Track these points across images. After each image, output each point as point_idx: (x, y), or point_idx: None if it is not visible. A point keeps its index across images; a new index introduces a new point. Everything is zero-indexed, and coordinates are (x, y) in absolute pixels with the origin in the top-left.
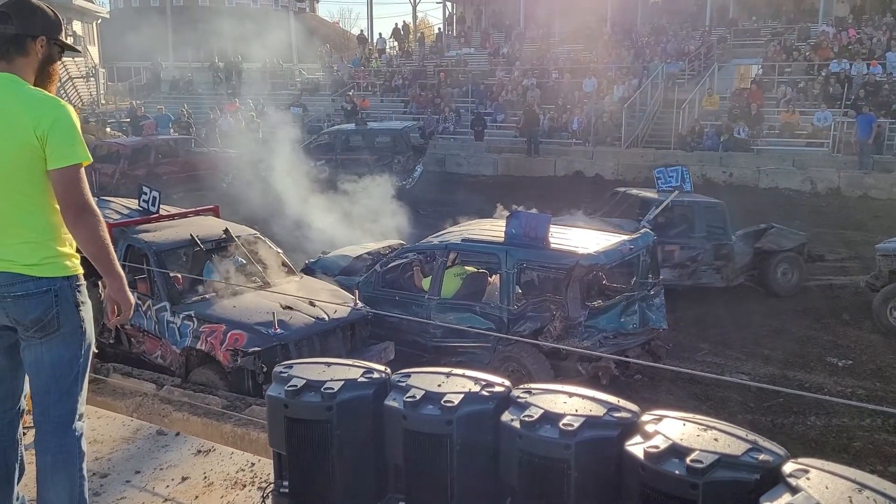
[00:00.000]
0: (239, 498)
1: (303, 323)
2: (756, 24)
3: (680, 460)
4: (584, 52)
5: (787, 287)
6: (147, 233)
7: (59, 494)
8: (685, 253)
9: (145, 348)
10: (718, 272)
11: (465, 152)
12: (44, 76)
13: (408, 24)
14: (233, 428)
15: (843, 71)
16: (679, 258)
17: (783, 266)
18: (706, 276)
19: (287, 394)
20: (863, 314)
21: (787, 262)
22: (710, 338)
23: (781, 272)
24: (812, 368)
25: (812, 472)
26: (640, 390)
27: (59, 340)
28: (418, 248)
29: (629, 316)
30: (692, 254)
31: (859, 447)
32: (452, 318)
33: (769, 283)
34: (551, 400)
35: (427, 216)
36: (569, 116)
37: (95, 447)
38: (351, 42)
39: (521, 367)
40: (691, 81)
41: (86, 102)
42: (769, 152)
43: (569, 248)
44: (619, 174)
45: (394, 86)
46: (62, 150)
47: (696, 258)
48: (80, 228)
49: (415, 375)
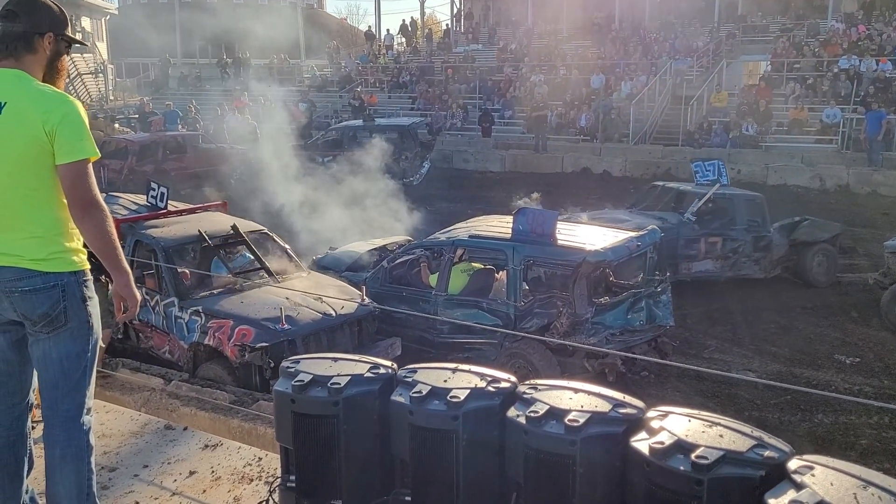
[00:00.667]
0: (246, 492)
1: (310, 318)
2: (765, 21)
3: (685, 456)
4: (592, 48)
5: (822, 277)
6: (155, 229)
7: (67, 488)
8: (727, 245)
9: (153, 343)
10: (757, 263)
11: (472, 149)
12: (52, 72)
13: (415, 20)
14: (240, 423)
15: (853, 67)
16: (721, 250)
17: (818, 257)
18: (746, 268)
19: (294, 389)
20: (871, 311)
21: (822, 254)
22: (717, 335)
23: (817, 263)
24: (820, 366)
25: (817, 468)
26: (646, 387)
27: (66, 335)
28: (425, 244)
29: (636, 313)
30: (734, 245)
31: (867, 445)
32: (459, 315)
33: (806, 273)
34: (557, 396)
35: (434, 212)
36: (577, 113)
37: (104, 441)
38: (358, 38)
39: (527, 364)
40: (700, 78)
41: (94, 99)
42: (778, 149)
43: (576, 245)
44: (627, 171)
45: (401, 82)
46: (70, 145)
47: (738, 250)
48: (88, 224)
49: (421, 371)
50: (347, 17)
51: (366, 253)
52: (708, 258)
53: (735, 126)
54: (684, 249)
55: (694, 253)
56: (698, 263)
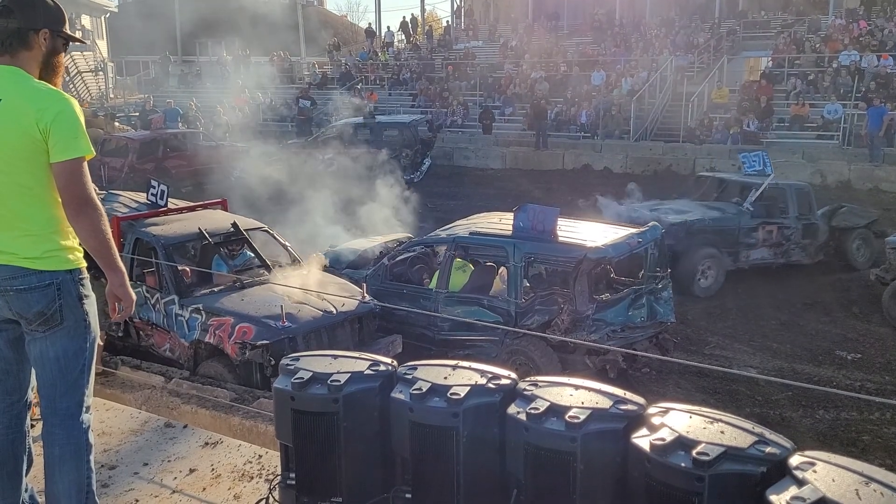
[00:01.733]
0: (246, 490)
1: (311, 316)
2: (766, 17)
3: (686, 453)
4: (592, 44)
5: (861, 261)
6: (155, 226)
7: (66, 486)
8: (781, 232)
9: (154, 341)
10: (804, 250)
11: (473, 146)
12: (48, 69)
13: (416, 16)
14: (241, 420)
15: (854, 63)
16: (776, 237)
17: (857, 242)
18: (795, 254)
19: (294, 386)
20: (872, 308)
21: (861, 238)
22: (718, 331)
23: (856, 247)
24: (821, 362)
25: (819, 464)
26: (648, 384)
27: (63, 334)
28: (426, 241)
29: (637, 309)
30: (787, 233)
31: (868, 441)
32: (460, 312)
33: (848, 257)
34: (557, 392)
35: (435, 209)
36: (577, 110)
37: (104, 439)
38: (359, 35)
39: (528, 361)
40: (700, 74)
41: (94, 97)
42: (779, 145)
43: (577, 242)
44: (628, 168)
45: (402, 79)
46: (65, 143)
47: (790, 237)
48: (82, 222)
49: (421, 368)
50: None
51: (366, 250)
52: (764, 246)
53: (736, 122)
54: (744, 238)
55: (753, 241)
56: (755, 251)
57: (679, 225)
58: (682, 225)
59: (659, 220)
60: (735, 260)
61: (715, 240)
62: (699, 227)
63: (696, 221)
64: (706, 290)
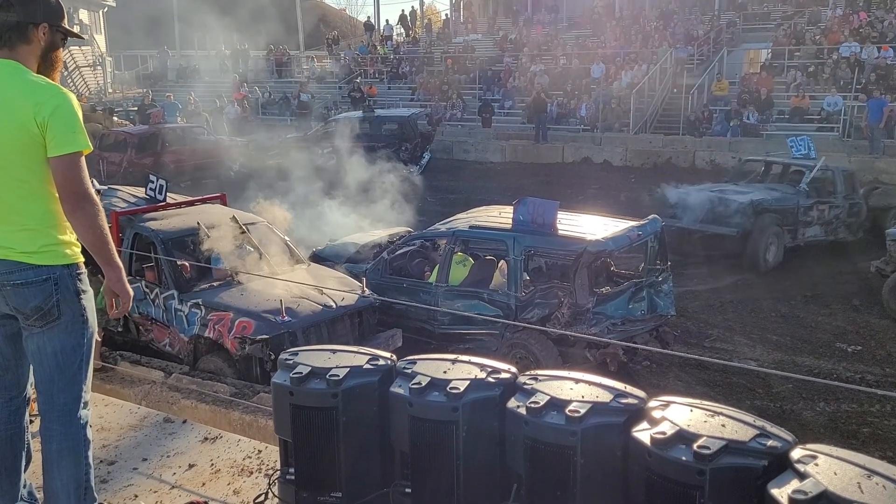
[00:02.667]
0: (246, 485)
1: (310, 310)
2: (766, 8)
3: (687, 446)
4: (591, 37)
5: None
6: (154, 221)
7: (64, 482)
8: (831, 211)
9: (153, 336)
10: (849, 228)
11: (472, 139)
12: (47, 63)
13: (415, 10)
14: (240, 415)
15: (854, 55)
16: (827, 216)
17: (893, 220)
18: (842, 232)
19: (292, 381)
20: (873, 300)
21: None
22: (718, 324)
23: (892, 225)
24: (821, 354)
25: (820, 457)
26: (648, 377)
27: (60, 329)
28: (426, 235)
29: (637, 302)
30: (836, 212)
31: (869, 433)
32: (460, 305)
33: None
34: (557, 386)
35: (435, 203)
36: (577, 102)
37: (103, 435)
38: (358, 29)
39: (528, 354)
40: (700, 66)
41: (93, 91)
42: (779, 137)
43: (577, 235)
44: (628, 160)
45: (401, 73)
46: (62, 137)
47: (839, 216)
48: (79, 217)
49: (420, 362)
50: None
51: (366, 244)
52: (817, 224)
53: (736, 114)
54: (802, 216)
55: (809, 219)
56: (810, 229)
57: (748, 204)
58: (750, 204)
59: (727, 199)
60: (794, 237)
61: (777, 218)
62: (765, 206)
63: (762, 201)
64: (770, 264)
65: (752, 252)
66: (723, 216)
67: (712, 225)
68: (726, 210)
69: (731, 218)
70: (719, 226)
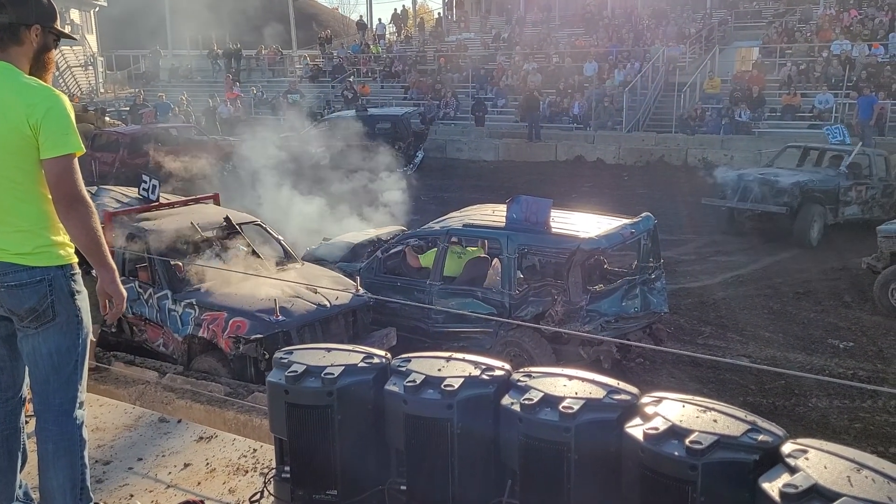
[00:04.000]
0: (241, 484)
1: (304, 310)
2: (757, 6)
3: (679, 442)
4: (584, 35)
5: None
6: (147, 221)
7: (60, 482)
8: (868, 192)
9: (147, 336)
10: (882, 207)
11: (465, 138)
12: (39, 65)
13: (407, 9)
14: (235, 415)
15: (845, 52)
16: (865, 196)
17: None
18: (876, 211)
19: (287, 379)
20: (864, 296)
21: None
22: (711, 321)
23: None
24: (813, 351)
25: (811, 452)
26: (641, 374)
27: (55, 330)
28: (420, 233)
29: (630, 300)
30: (872, 193)
31: (861, 428)
32: (454, 304)
33: None
34: (551, 383)
35: (428, 202)
36: (570, 101)
37: (98, 435)
38: (350, 28)
39: (522, 352)
40: (692, 64)
41: (84, 91)
42: (770, 135)
43: (570, 233)
44: (621, 158)
45: (394, 72)
46: (55, 139)
47: (875, 196)
48: (72, 219)
49: (415, 360)
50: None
51: (360, 243)
52: (856, 203)
53: (728, 112)
54: (843, 196)
55: (849, 199)
56: (849, 208)
57: (795, 184)
58: (797, 184)
59: (775, 180)
60: (835, 215)
61: (821, 198)
62: (810, 187)
63: (808, 181)
64: (813, 241)
65: (799, 229)
66: (771, 196)
67: (761, 204)
68: (773, 190)
69: (779, 198)
70: (769, 205)
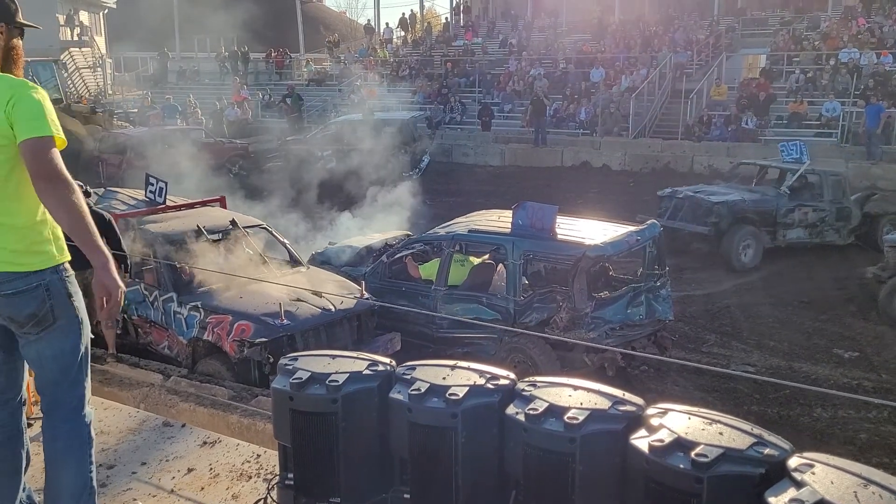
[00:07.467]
0: (244, 490)
1: (309, 314)
2: (765, 14)
3: (685, 454)
4: (591, 41)
5: None
6: (154, 223)
7: (70, 480)
8: (816, 214)
9: (152, 339)
10: (837, 232)
11: (471, 143)
12: (8, 61)
13: (415, 13)
14: (239, 419)
15: (853, 60)
16: (811, 219)
17: (887, 227)
18: (829, 235)
19: (292, 386)
20: (869, 305)
21: (891, 223)
22: (716, 329)
23: (885, 232)
24: (818, 360)
25: (817, 466)
26: (646, 381)
27: (57, 333)
28: (425, 238)
29: (635, 307)
30: (821, 215)
31: (866, 439)
32: (459, 309)
33: (877, 241)
34: (556, 393)
35: (434, 207)
36: (576, 107)
37: (102, 438)
38: (358, 32)
39: (527, 359)
40: (699, 71)
41: (92, 93)
42: (777, 142)
43: (575, 239)
44: (627, 165)
45: (400, 76)
46: (26, 123)
47: (824, 219)
48: (51, 197)
49: (420, 368)
50: (347, 10)
51: (365, 248)
52: (800, 226)
53: (735, 119)
54: (782, 218)
55: (790, 221)
56: (792, 231)
57: (721, 205)
58: (723, 205)
59: (701, 200)
60: (773, 238)
61: (754, 219)
62: (741, 207)
63: (739, 201)
64: (746, 264)
65: (725, 251)
66: (699, 215)
67: (689, 224)
68: (701, 209)
69: (707, 217)
70: (695, 225)
